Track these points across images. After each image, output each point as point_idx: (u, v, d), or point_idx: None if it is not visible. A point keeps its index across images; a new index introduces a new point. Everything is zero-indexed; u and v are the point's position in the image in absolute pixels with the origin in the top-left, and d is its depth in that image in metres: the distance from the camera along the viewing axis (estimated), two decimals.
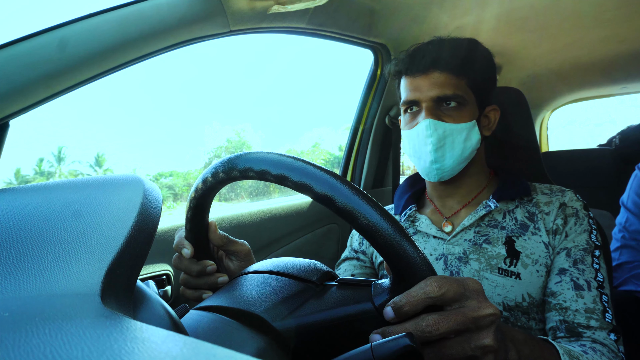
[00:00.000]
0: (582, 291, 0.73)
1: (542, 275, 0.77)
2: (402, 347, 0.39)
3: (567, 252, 0.77)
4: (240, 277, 0.52)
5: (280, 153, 0.43)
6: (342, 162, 1.60)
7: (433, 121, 0.79)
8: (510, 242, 0.80)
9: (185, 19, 0.77)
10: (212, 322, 0.43)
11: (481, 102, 0.85)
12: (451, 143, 0.80)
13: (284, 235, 1.35)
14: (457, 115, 0.80)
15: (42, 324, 0.20)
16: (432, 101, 0.80)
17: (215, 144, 52.75)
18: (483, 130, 0.86)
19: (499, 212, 0.84)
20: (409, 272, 0.39)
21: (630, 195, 1.14)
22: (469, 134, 0.81)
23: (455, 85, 0.80)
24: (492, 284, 0.78)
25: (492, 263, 0.79)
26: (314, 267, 0.52)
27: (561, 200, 0.82)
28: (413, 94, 0.82)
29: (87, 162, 52.66)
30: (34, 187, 0.39)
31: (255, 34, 0.99)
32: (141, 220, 0.32)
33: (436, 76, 0.80)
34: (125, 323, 0.21)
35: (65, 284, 0.26)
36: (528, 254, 0.78)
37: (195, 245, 0.58)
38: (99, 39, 0.67)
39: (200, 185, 0.50)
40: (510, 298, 0.77)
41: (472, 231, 0.84)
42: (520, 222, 0.82)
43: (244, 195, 15.12)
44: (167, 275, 0.97)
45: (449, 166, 0.82)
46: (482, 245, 0.81)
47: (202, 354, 0.17)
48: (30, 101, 0.61)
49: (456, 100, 0.80)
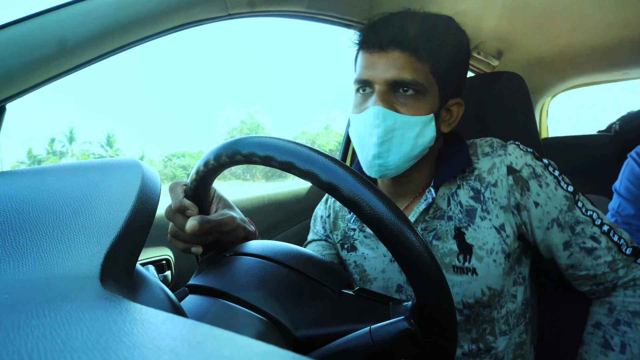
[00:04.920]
0: (595, 250, 0.69)
1: (500, 263, 0.70)
2: (401, 331, 0.39)
3: (557, 223, 0.70)
4: (253, 260, 0.50)
5: (286, 139, 0.42)
6: (342, 147, 1.59)
7: (383, 109, 0.67)
8: (460, 235, 0.72)
9: (183, 1, 0.76)
10: (213, 307, 0.43)
11: (445, 94, 0.72)
12: (400, 138, 0.69)
13: (283, 220, 1.35)
14: (413, 106, 0.69)
15: (42, 306, 0.20)
16: (387, 84, 0.68)
17: (229, 125, 52.87)
18: (442, 125, 0.75)
19: (443, 199, 0.75)
20: (413, 264, 0.39)
21: (623, 182, 1.15)
22: (422, 130, 0.69)
23: (416, 69, 0.68)
24: (449, 283, 0.73)
25: (445, 262, 0.72)
26: (334, 271, 0.51)
27: (506, 161, 0.71)
28: (366, 73, 0.70)
29: (98, 142, 52.94)
30: (33, 170, 0.39)
31: (254, 17, 0.98)
32: (140, 204, 0.32)
33: (396, 55, 0.68)
34: (124, 305, 0.21)
35: (65, 266, 0.26)
36: (481, 246, 0.71)
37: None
38: (96, 22, 0.66)
39: (202, 167, 0.49)
40: (469, 295, 0.71)
41: (418, 229, 0.76)
42: (465, 208, 0.73)
43: (259, 175, 15.07)
44: (167, 260, 0.97)
45: (392, 164, 0.70)
46: (433, 243, 0.74)
47: (202, 335, 0.18)
48: (26, 85, 0.61)
49: (414, 88, 0.68)
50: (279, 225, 1.33)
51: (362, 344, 0.39)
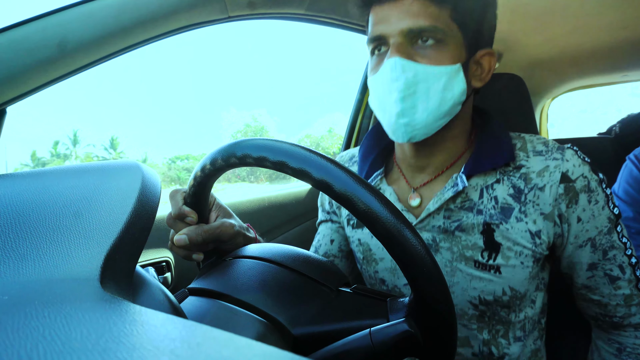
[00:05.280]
0: (618, 280, 0.66)
1: (527, 265, 0.65)
2: (401, 333, 0.39)
3: (592, 243, 0.65)
4: (252, 262, 0.50)
5: (277, 139, 0.43)
6: (342, 148, 1.60)
7: (400, 59, 0.60)
8: (489, 232, 0.66)
9: (183, 4, 0.76)
10: (212, 308, 0.43)
11: (471, 43, 0.64)
12: (425, 92, 0.61)
13: (283, 222, 1.35)
14: (435, 56, 0.61)
15: (42, 307, 0.20)
16: (403, 35, 0.61)
17: (233, 128, 53.18)
18: (472, 79, 0.67)
19: (475, 189, 0.67)
20: (408, 260, 0.39)
21: (622, 184, 1.15)
22: (449, 82, 0.61)
23: (434, 15, 0.60)
24: (466, 276, 0.67)
25: (466, 255, 0.67)
26: (332, 269, 0.51)
27: (563, 168, 0.64)
28: (379, 27, 0.63)
29: (102, 145, 53.20)
30: (32, 172, 0.39)
31: (254, 19, 0.98)
32: (140, 206, 0.32)
33: (409, 2, 0.60)
34: (124, 307, 0.21)
35: (65, 268, 0.26)
36: (510, 247, 0.65)
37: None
38: (96, 24, 0.66)
39: (199, 172, 0.50)
40: (488, 292, 0.67)
41: (440, 215, 0.69)
42: (501, 205, 0.66)
43: (263, 178, 15.15)
44: (167, 262, 0.97)
45: (420, 122, 0.62)
46: (455, 233, 0.68)
47: (201, 336, 0.18)
48: (27, 88, 0.61)
49: (434, 37, 0.61)
50: (279, 227, 1.33)
51: (362, 346, 0.39)
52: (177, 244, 0.52)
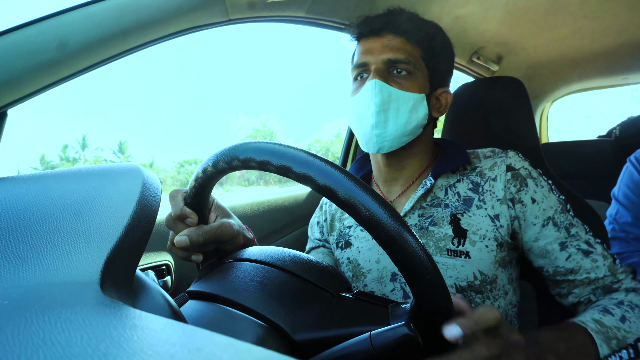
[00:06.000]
0: (592, 254, 0.72)
1: (492, 249, 0.74)
2: (401, 336, 0.39)
3: (553, 222, 0.74)
4: (253, 265, 0.50)
5: (281, 143, 0.42)
6: (342, 153, 1.60)
7: (379, 82, 0.74)
8: (455, 221, 0.76)
9: (184, 7, 0.76)
10: (212, 312, 0.43)
11: (433, 81, 0.80)
12: (396, 110, 0.75)
13: (284, 226, 1.35)
14: (406, 84, 0.76)
15: (42, 312, 0.20)
16: (383, 63, 0.76)
17: (242, 133, 53.38)
18: (432, 110, 0.81)
19: (441, 189, 0.80)
20: (410, 265, 0.39)
21: (621, 188, 1.14)
22: (415, 106, 0.76)
23: (408, 51, 0.77)
24: (442, 266, 0.75)
25: (440, 246, 0.76)
26: (333, 274, 0.51)
27: (507, 161, 0.77)
28: (364, 57, 0.78)
29: (110, 149, 53.43)
30: (33, 176, 0.39)
31: (254, 22, 0.99)
32: (140, 210, 0.32)
33: (390, 38, 0.77)
34: (124, 311, 0.21)
35: (65, 272, 0.26)
36: (474, 231, 0.75)
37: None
38: (97, 27, 0.66)
39: (201, 174, 0.49)
40: (462, 278, 0.74)
41: (415, 215, 0.80)
42: (463, 198, 0.78)
43: (272, 182, 15.08)
44: (166, 266, 0.97)
45: (390, 134, 0.76)
46: (429, 228, 0.78)
47: (201, 341, 0.18)
48: (28, 90, 0.61)
49: (407, 68, 0.76)
50: (279, 230, 1.33)
51: (363, 350, 0.39)
52: (177, 245, 0.53)
